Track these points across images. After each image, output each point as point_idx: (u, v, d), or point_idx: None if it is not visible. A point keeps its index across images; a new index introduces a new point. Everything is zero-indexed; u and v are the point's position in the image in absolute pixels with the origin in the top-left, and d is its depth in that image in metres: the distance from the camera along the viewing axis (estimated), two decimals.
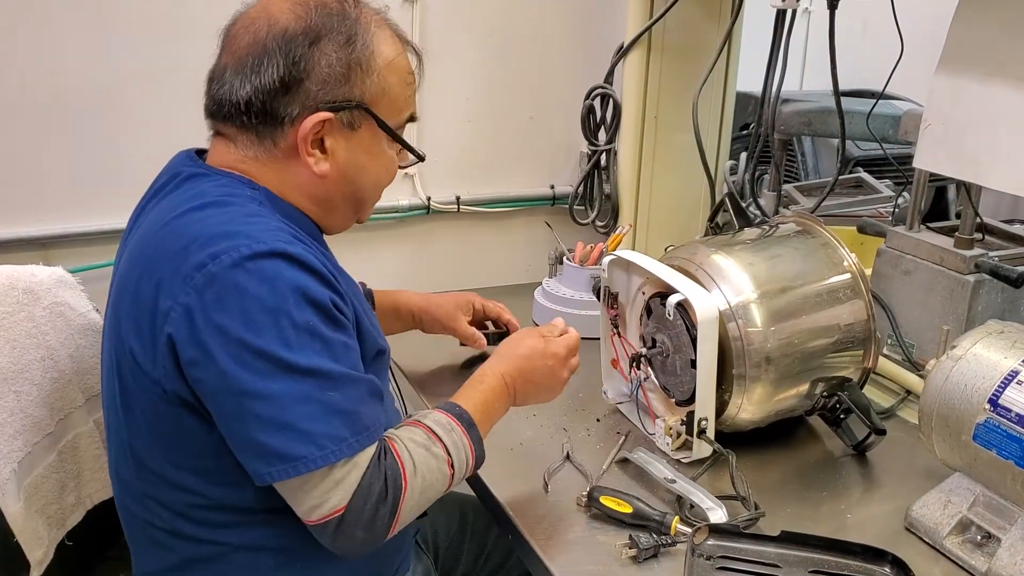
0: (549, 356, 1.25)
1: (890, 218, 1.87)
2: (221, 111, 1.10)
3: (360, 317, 1.11)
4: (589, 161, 1.96)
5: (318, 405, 0.98)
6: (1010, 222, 1.91)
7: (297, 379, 0.97)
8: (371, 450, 1.01)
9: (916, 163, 1.48)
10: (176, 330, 0.98)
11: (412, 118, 1.19)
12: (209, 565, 1.11)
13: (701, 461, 1.31)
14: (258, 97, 1.07)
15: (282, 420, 0.97)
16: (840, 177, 1.86)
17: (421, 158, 1.21)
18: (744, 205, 1.49)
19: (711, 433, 1.30)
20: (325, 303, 1.01)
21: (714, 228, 1.49)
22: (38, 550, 1.25)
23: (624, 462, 1.32)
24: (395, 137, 1.14)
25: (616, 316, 1.47)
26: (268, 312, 0.97)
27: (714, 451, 1.30)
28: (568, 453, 1.34)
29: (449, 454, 1.08)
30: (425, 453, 1.06)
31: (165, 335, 0.99)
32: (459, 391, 1.19)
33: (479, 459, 1.13)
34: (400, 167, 1.20)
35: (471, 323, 1.62)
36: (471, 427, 1.12)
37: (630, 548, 1.12)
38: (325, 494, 0.99)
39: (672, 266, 1.35)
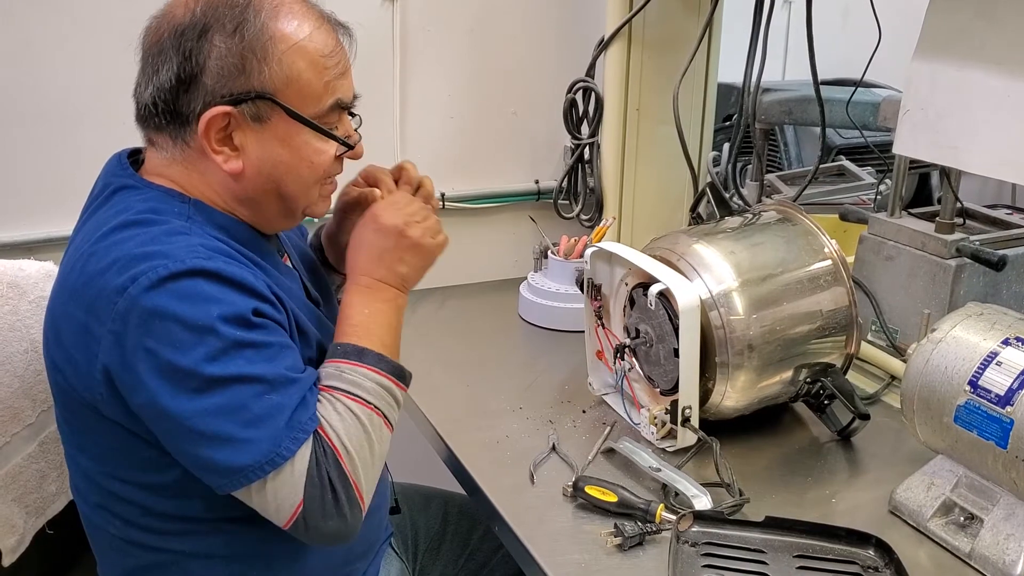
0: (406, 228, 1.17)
1: (872, 205, 1.88)
2: (140, 115, 1.08)
3: (299, 322, 1.10)
4: (572, 155, 1.97)
5: (254, 412, 0.97)
6: (993, 207, 1.92)
7: (231, 389, 0.96)
8: (309, 442, 0.99)
9: (896, 149, 1.49)
10: (109, 359, 0.97)
11: (342, 105, 1.10)
12: (164, 571, 1.11)
13: (686, 449, 1.32)
14: (160, 97, 1.04)
15: (223, 433, 0.96)
16: (822, 165, 1.87)
17: (349, 147, 1.13)
18: (728, 195, 1.49)
19: (695, 421, 1.30)
20: (246, 313, 0.99)
21: (696, 218, 1.49)
22: (10, 537, 1.26)
23: (610, 452, 1.33)
24: (310, 125, 1.07)
25: (600, 308, 1.47)
26: (192, 330, 0.95)
27: (698, 439, 1.30)
28: (554, 444, 1.34)
29: (364, 400, 1.04)
30: (346, 414, 1.03)
31: (100, 364, 0.98)
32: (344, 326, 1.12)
33: (397, 376, 1.08)
34: (339, 157, 1.13)
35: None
36: (361, 354, 1.07)
37: (615, 536, 1.12)
38: (280, 495, 0.98)
39: (654, 256, 1.36)
